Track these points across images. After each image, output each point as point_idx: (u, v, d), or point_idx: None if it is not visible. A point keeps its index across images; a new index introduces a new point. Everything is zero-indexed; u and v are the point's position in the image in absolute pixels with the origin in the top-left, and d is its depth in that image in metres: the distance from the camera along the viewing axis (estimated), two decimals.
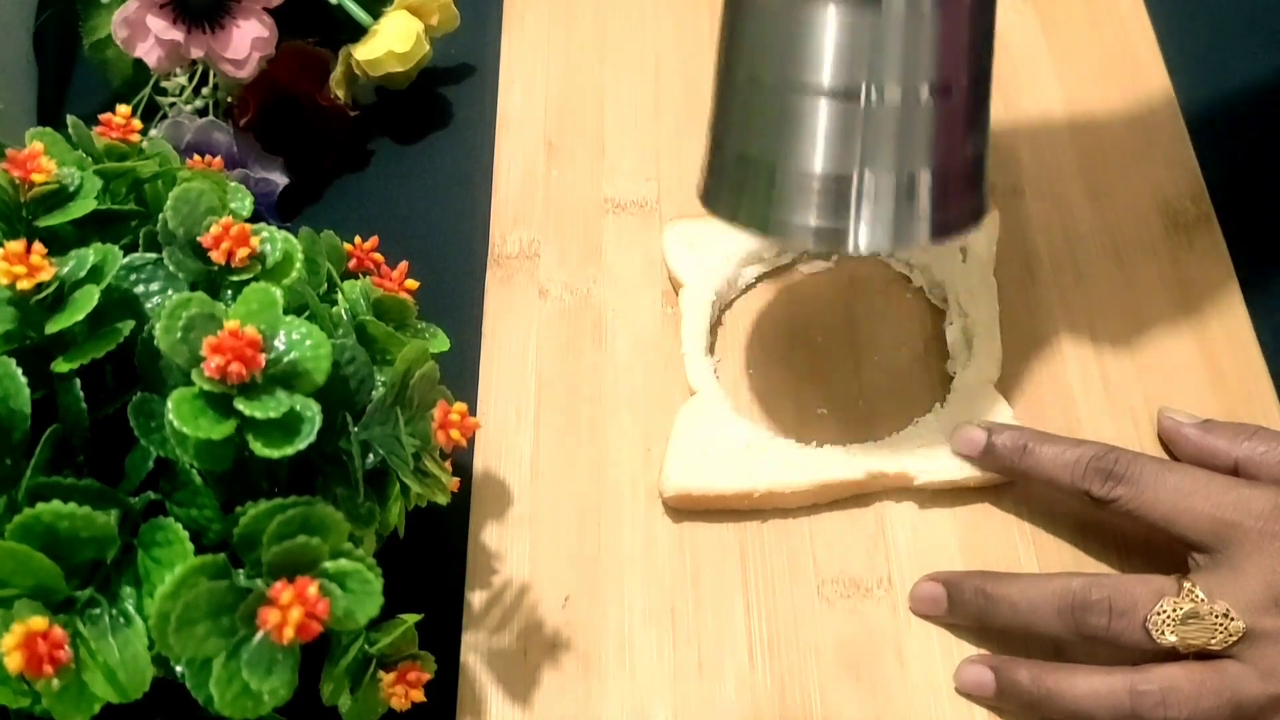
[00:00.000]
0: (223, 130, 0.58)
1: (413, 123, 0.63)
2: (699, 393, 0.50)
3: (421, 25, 0.59)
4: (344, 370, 0.37)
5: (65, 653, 0.31)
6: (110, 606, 0.33)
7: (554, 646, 0.46)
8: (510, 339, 0.54)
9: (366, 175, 0.61)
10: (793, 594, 0.47)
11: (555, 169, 0.59)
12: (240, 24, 0.55)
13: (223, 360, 0.32)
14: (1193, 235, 0.55)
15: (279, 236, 0.38)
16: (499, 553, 0.48)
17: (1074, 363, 0.52)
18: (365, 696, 0.38)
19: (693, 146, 0.59)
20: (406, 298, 0.42)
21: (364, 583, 0.33)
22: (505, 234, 0.57)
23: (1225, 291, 0.53)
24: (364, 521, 0.37)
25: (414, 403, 0.38)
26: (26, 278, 0.33)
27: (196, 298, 0.34)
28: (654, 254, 0.55)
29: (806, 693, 0.45)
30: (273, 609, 0.31)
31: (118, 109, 0.42)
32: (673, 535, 0.48)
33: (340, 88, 0.59)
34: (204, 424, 0.32)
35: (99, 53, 0.60)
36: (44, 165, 0.36)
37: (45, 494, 0.32)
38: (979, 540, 0.47)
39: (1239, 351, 0.51)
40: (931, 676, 0.45)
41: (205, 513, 0.34)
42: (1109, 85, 0.60)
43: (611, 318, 0.54)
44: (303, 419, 0.33)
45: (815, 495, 0.48)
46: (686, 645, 0.46)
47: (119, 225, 0.39)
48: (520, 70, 0.63)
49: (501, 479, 0.50)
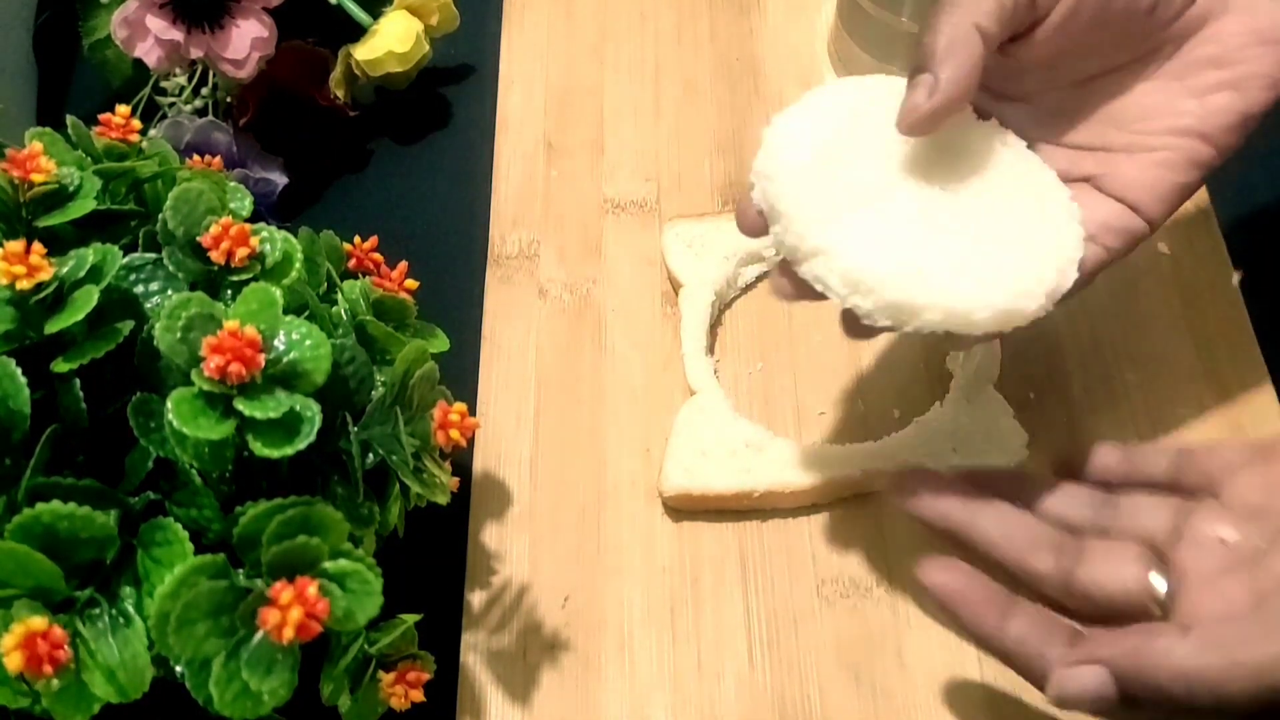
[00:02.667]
0: (222, 130, 0.58)
1: (413, 123, 0.63)
2: (699, 393, 0.50)
3: (421, 25, 0.59)
4: (344, 370, 0.37)
5: (65, 653, 0.31)
6: (110, 606, 0.33)
7: (554, 646, 0.46)
8: (510, 339, 0.54)
9: (366, 175, 0.61)
10: (792, 594, 0.47)
11: (555, 169, 0.59)
12: (240, 24, 0.55)
13: (222, 360, 0.32)
14: (1193, 235, 0.55)
15: (279, 236, 0.38)
16: (499, 553, 0.48)
17: (1074, 362, 0.52)
18: (365, 696, 0.38)
19: (693, 146, 0.59)
20: (406, 298, 0.42)
21: (364, 583, 0.33)
22: (505, 234, 0.57)
23: (1225, 291, 0.53)
24: (364, 521, 0.37)
25: (414, 403, 0.38)
26: (26, 278, 0.33)
27: (196, 298, 0.34)
28: (654, 254, 0.55)
29: (806, 693, 0.45)
30: (272, 609, 0.31)
31: (117, 109, 0.42)
32: (672, 535, 0.48)
33: (340, 88, 0.59)
34: (204, 424, 0.32)
35: (99, 53, 0.60)
36: (44, 165, 0.36)
37: (45, 494, 0.32)
38: None
39: (1239, 351, 0.51)
40: (931, 676, 0.45)
41: (205, 513, 0.34)
42: None
43: (611, 318, 0.54)
44: (303, 419, 0.33)
45: (815, 495, 0.48)
46: (686, 645, 0.46)
47: (119, 225, 0.39)
48: (520, 70, 0.63)
49: (501, 479, 0.50)
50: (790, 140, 0.40)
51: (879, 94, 0.41)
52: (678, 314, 0.53)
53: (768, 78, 0.61)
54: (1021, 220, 0.39)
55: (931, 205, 0.39)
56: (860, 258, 0.37)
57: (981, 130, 0.41)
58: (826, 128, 0.40)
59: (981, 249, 0.38)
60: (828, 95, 0.41)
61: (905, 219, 0.38)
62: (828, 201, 0.38)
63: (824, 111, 0.41)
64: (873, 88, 0.41)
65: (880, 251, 0.37)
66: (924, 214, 0.38)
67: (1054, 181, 0.40)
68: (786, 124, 0.40)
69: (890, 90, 0.40)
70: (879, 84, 0.41)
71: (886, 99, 0.40)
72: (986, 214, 0.39)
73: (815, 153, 0.39)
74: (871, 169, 0.39)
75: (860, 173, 0.39)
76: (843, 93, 0.41)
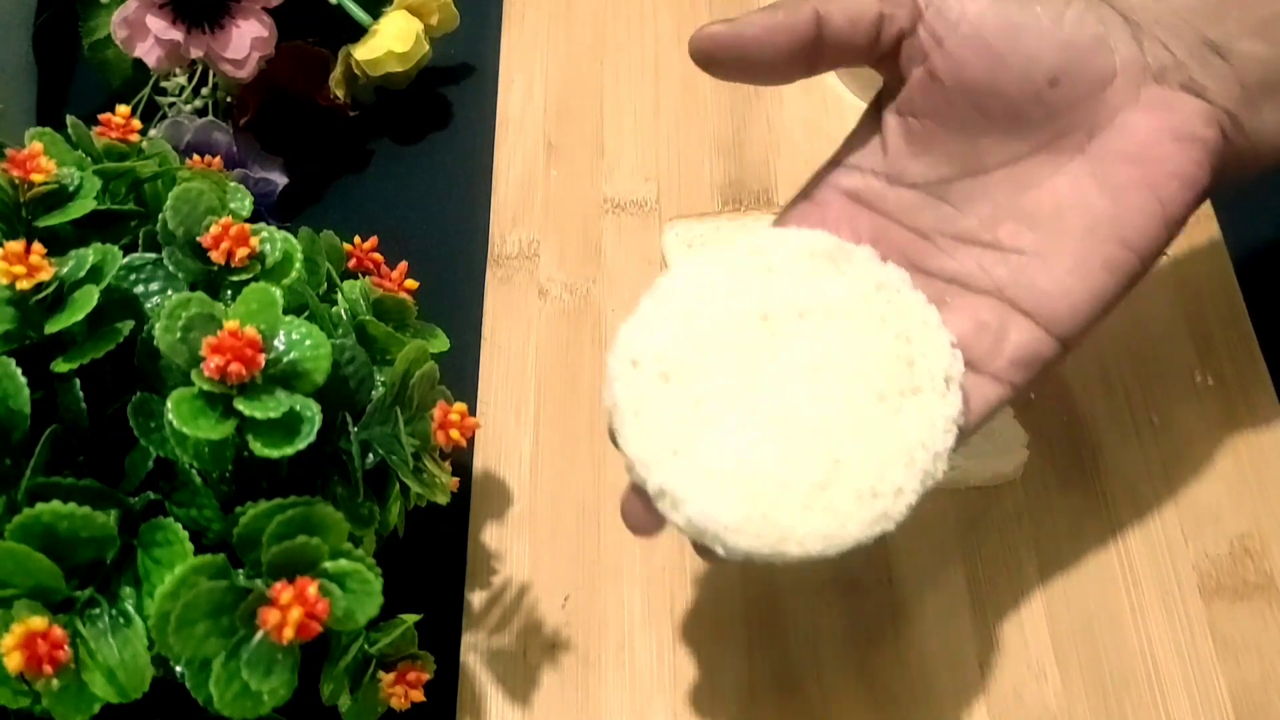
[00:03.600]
0: (222, 130, 0.58)
1: (413, 123, 0.63)
2: None
3: (421, 25, 0.59)
4: (344, 370, 0.37)
5: (65, 653, 0.31)
6: (110, 606, 0.33)
7: (554, 646, 0.46)
8: (510, 339, 0.54)
9: (366, 175, 0.61)
10: (793, 594, 0.47)
11: (555, 169, 0.59)
12: (240, 24, 0.55)
13: (222, 360, 0.32)
14: (1192, 235, 0.55)
15: (279, 236, 0.38)
16: (499, 553, 0.48)
17: (1073, 361, 0.52)
18: (365, 696, 0.38)
19: (693, 146, 0.59)
20: (406, 298, 0.42)
21: (364, 583, 0.33)
22: (505, 234, 0.57)
23: (1225, 291, 0.53)
24: (364, 521, 0.37)
25: (414, 403, 0.38)
26: (26, 278, 0.33)
27: (196, 298, 0.34)
28: (653, 254, 0.56)
29: (806, 692, 0.45)
30: (272, 609, 0.31)
31: (117, 109, 0.42)
32: (673, 535, 0.48)
33: (340, 88, 0.59)
34: (204, 424, 0.32)
35: (99, 53, 0.60)
36: (44, 165, 0.36)
37: (45, 494, 0.32)
38: (979, 540, 0.47)
39: (1239, 351, 0.51)
40: (931, 676, 0.45)
41: (205, 513, 0.34)
42: None
43: (611, 318, 0.54)
44: (302, 419, 0.33)
45: None
46: (686, 645, 0.46)
47: (119, 225, 0.39)
48: (520, 70, 0.63)
49: (501, 479, 0.50)
50: (634, 350, 0.36)
51: (724, 271, 0.37)
52: None
53: None
54: (884, 406, 0.35)
55: (782, 406, 0.35)
56: (704, 503, 0.34)
57: (852, 272, 0.37)
58: (670, 328, 0.36)
59: (837, 456, 0.34)
60: (674, 283, 0.37)
61: (751, 437, 0.34)
62: (668, 427, 0.34)
63: (670, 305, 0.37)
64: (715, 265, 0.37)
65: (725, 492, 0.34)
66: (773, 421, 0.35)
67: (934, 327, 0.36)
68: (631, 332, 0.36)
69: (733, 265, 0.37)
70: (720, 260, 0.37)
71: (732, 275, 0.37)
72: (845, 404, 0.35)
73: (657, 361, 0.35)
74: (717, 365, 0.35)
75: (704, 378, 0.35)
76: (687, 277, 0.37)
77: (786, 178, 0.58)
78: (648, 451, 0.35)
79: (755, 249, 0.37)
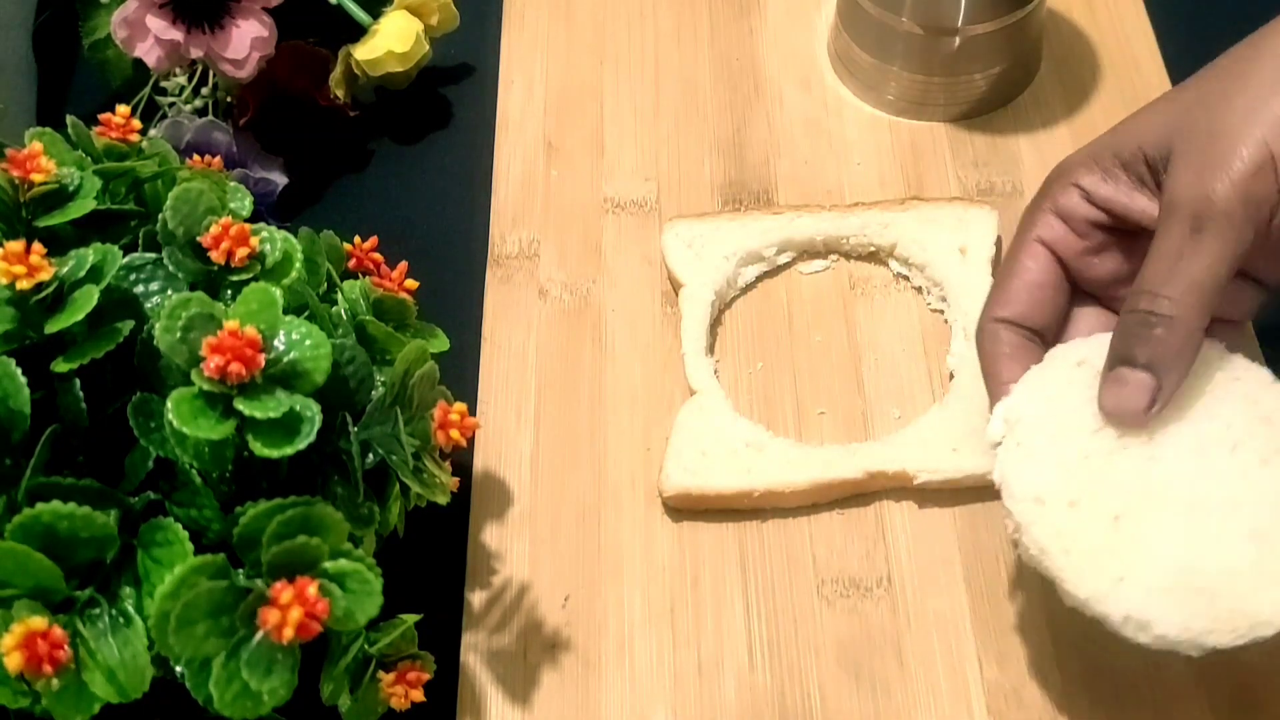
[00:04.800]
0: (222, 130, 0.58)
1: (413, 123, 0.63)
2: (699, 393, 0.50)
3: (421, 25, 0.59)
4: (344, 370, 0.37)
5: (65, 653, 0.31)
6: (110, 606, 0.33)
7: (554, 646, 0.46)
8: (510, 339, 0.54)
9: (366, 175, 0.61)
10: (792, 594, 0.47)
11: (555, 169, 0.59)
12: (240, 24, 0.55)
13: (222, 360, 0.32)
14: None
15: (279, 236, 0.38)
16: (499, 553, 0.48)
17: None
18: (365, 696, 0.38)
19: (693, 146, 0.59)
20: (406, 298, 0.42)
21: (364, 583, 0.33)
22: (505, 234, 0.57)
23: None
24: (364, 521, 0.37)
25: (414, 403, 0.38)
26: (26, 278, 0.33)
27: (196, 298, 0.34)
28: (653, 254, 0.56)
29: (806, 693, 0.45)
30: (272, 609, 0.31)
31: (117, 109, 0.42)
32: (672, 535, 0.48)
33: (340, 88, 0.59)
34: (204, 424, 0.32)
35: (99, 53, 0.60)
36: (44, 165, 0.36)
37: (45, 494, 0.32)
38: (979, 540, 0.47)
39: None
40: (931, 676, 0.45)
41: (205, 513, 0.35)
42: (1109, 85, 0.60)
43: (611, 318, 0.54)
44: (302, 419, 0.33)
45: (815, 495, 0.48)
46: (686, 645, 0.46)
47: (119, 225, 0.39)
48: (520, 70, 0.63)
49: (501, 479, 0.50)
50: (1033, 488, 0.37)
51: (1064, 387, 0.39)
52: (678, 314, 0.53)
53: (768, 78, 0.61)
54: (1268, 469, 0.37)
55: (1185, 498, 0.37)
56: (1172, 619, 0.35)
57: (1213, 364, 0.39)
58: (1049, 455, 0.38)
59: (1252, 528, 0.36)
60: (1023, 411, 0.39)
61: (1175, 537, 0.36)
62: (1101, 555, 0.36)
63: (1037, 435, 0.39)
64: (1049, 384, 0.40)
65: (1185, 602, 0.35)
66: (1185, 514, 0.36)
67: (1269, 383, 0.39)
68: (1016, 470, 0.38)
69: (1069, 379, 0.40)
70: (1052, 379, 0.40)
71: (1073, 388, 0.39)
72: (1236, 478, 0.37)
73: (1058, 492, 0.37)
74: (1106, 476, 0.37)
75: (1105, 494, 0.37)
76: (1032, 403, 0.40)
77: (786, 178, 0.58)
78: (1097, 586, 0.36)
79: (1079, 359, 0.40)
